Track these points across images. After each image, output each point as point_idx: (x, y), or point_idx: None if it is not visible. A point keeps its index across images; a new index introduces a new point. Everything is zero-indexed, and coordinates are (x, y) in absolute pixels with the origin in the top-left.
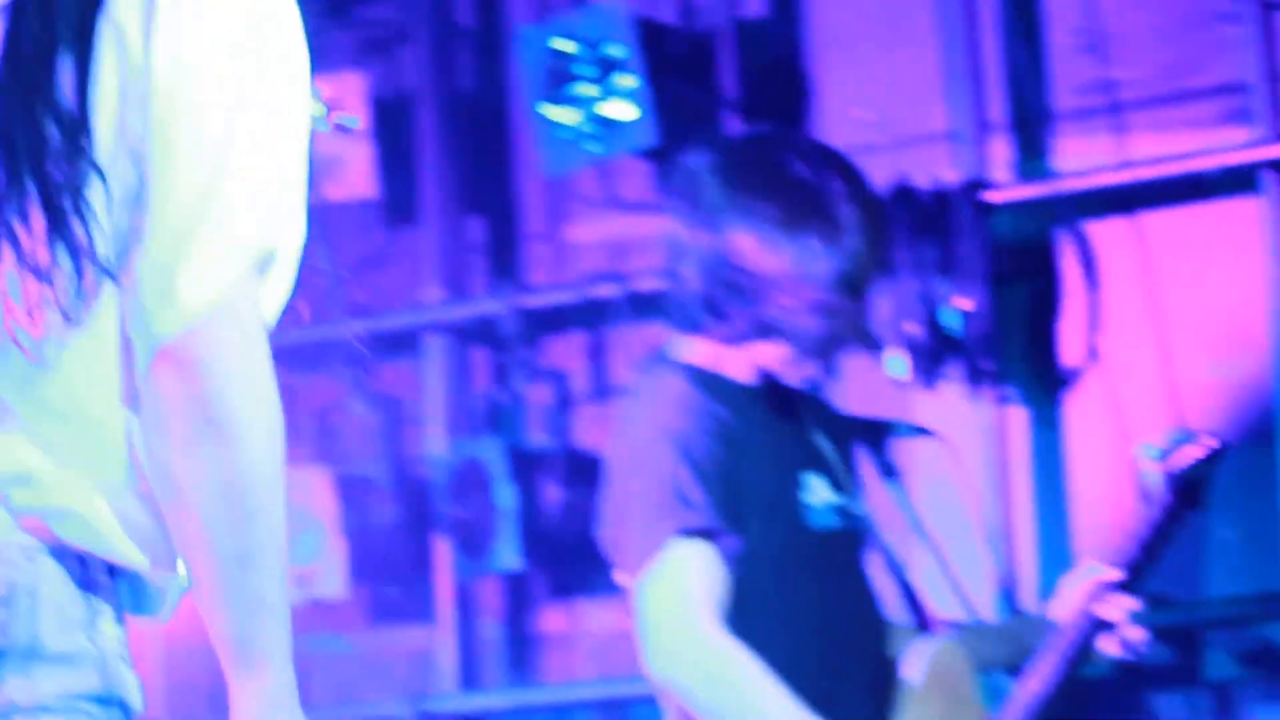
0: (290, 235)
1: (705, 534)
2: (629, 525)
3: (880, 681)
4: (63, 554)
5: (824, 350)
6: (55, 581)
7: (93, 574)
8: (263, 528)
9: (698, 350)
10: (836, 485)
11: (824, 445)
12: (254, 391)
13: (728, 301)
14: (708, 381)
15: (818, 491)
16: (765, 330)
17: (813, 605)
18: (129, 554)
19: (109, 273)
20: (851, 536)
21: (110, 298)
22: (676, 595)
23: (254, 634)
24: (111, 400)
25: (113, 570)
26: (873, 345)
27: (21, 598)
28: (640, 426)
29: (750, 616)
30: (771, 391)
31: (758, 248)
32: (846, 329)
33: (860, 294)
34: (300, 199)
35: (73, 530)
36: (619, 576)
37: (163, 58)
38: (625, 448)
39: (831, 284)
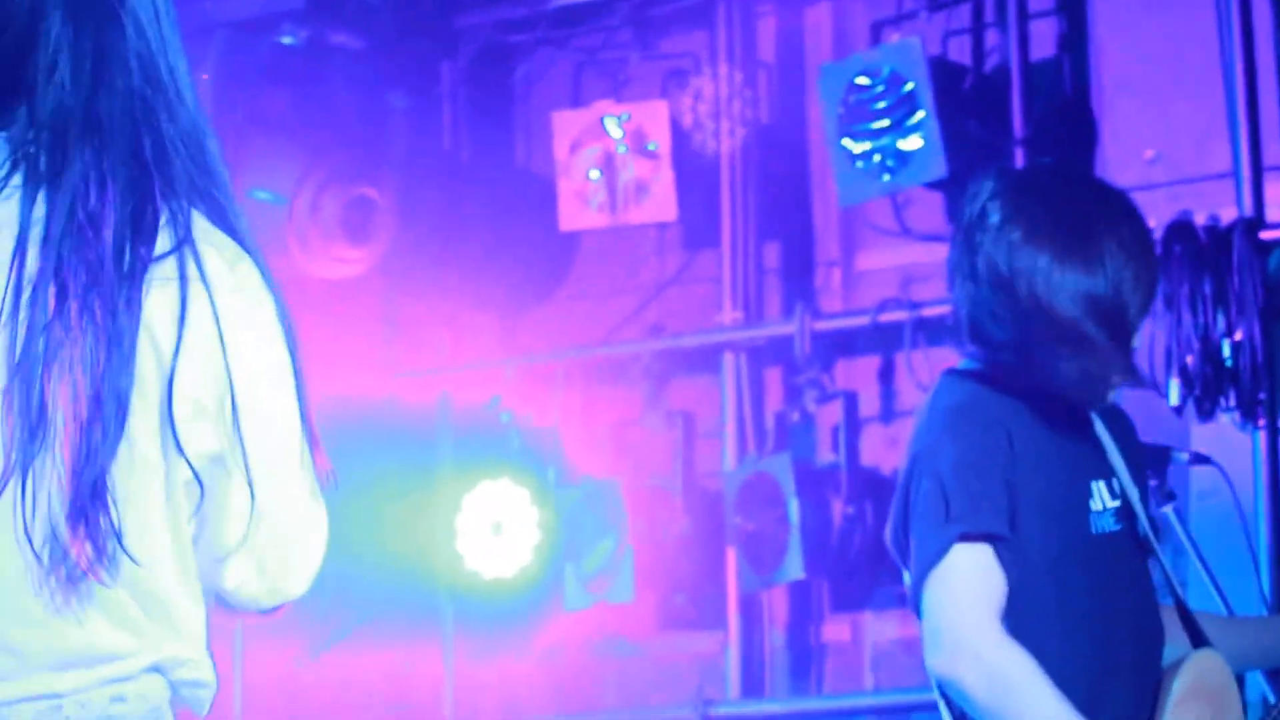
0: None
1: (988, 539)
2: (915, 527)
3: (1147, 685)
4: (175, 702)
5: (1084, 385)
6: None
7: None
8: None
9: (982, 365)
10: (1118, 491)
11: (1109, 450)
12: None
13: (993, 325)
14: (994, 392)
15: (1100, 497)
16: (1029, 356)
17: (1088, 607)
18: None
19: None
20: (1131, 541)
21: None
22: (960, 596)
23: None
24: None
25: None
26: (1138, 382)
27: None
28: (930, 434)
29: (1026, 617)
30: (1058, 399)
31: (1024, 274)
32: (1105, 365)
33: (1121, 329)
34: None
35: (205, 695)
36: (905, 577)
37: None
38: (915, 453)
39: (1094, 316)
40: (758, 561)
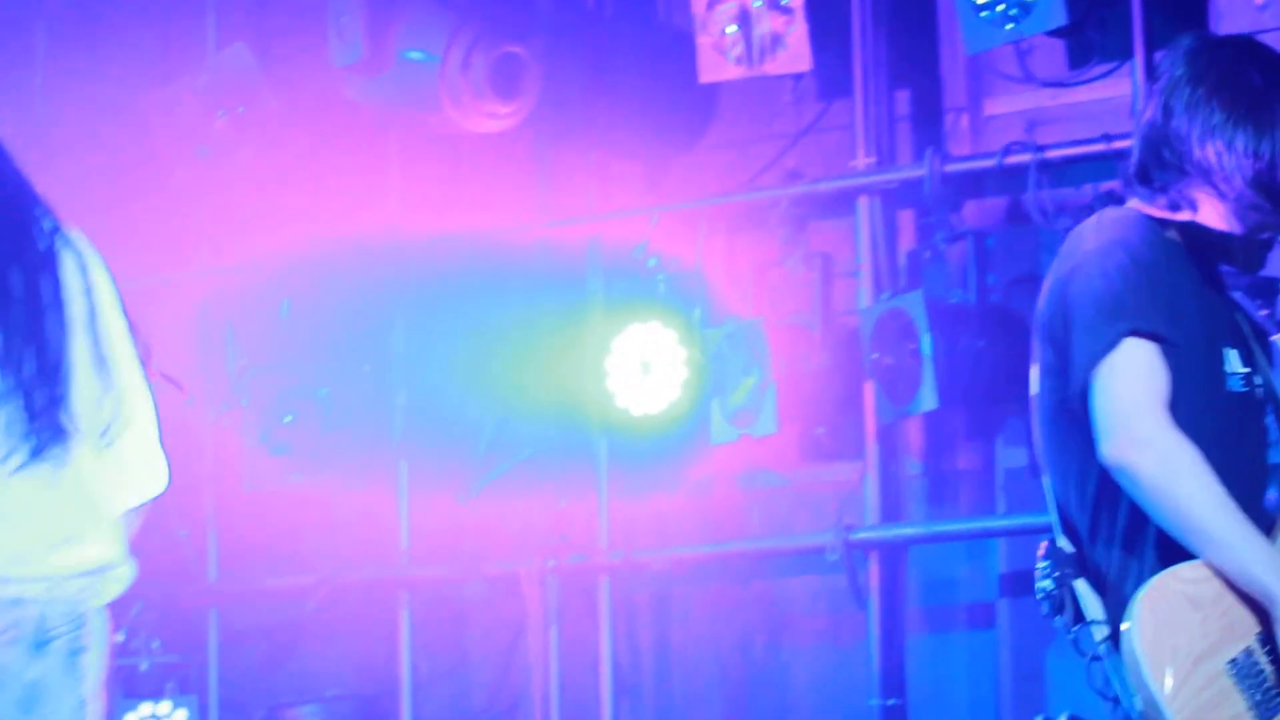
0: None
1: (1157, 339)
2: (1082, 319)
3: (1256, 519)
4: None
5: (1234, 242)
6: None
7: None
8: None
9: (1148, 206)
10: (1246, 358)
11: (1242, 319)
12: None
13: (1158, 169)
14: (1158, 226)
15: (1232, 362)
16: (1184, 206)
17: (1216, 437)
18: None
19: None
20: (1254, 401)
21: None
22: (1133, 387)
23: None
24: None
25: None
26: None
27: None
28: (1099, 240)
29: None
30: (1206, 255)
31: (1199, 126)
32: (1258, 225)
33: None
34: None
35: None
36: (1033, 380)
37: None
38: (1079, 259)
39: (1253, 178)
40: (894, 394)
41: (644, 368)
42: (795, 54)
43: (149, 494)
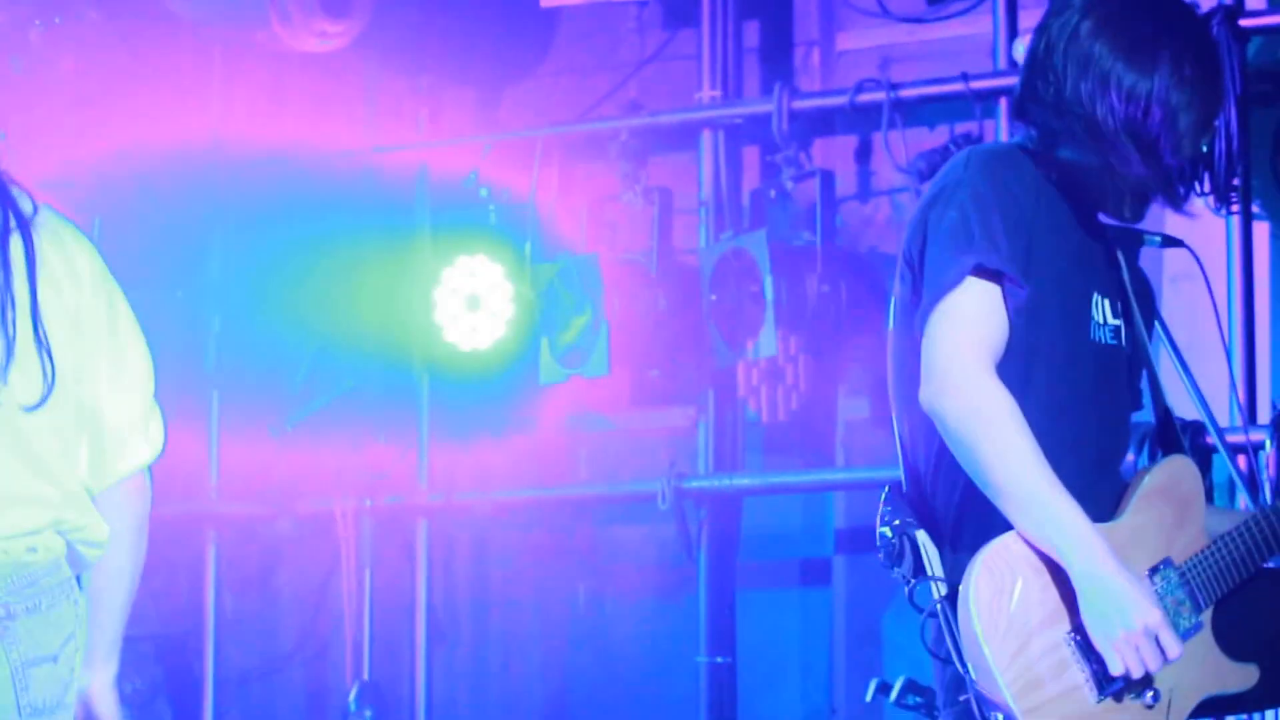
0: None
1: (1000, 277)
2: (932, 253)
3: (1104, 484)
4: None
5: (1103, 184)
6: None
7: None
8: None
9: (1022, 141)
10: (1119, 313)
11: (1126, 272)
12: None
13: (1034, 104)
14: (1032, 161)
15: (1102, 310)
16: (1059, 143)
17: (1064, 391)
18: None
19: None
20: (1123, 356)
21: None
22: (961, 332)
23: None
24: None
25: None
26: (1170, 199)
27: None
28: (964, 170)
29: (1006, 365)
30: (1085, 199)
31: (1077, 60)
32: (1130, 170)
33: (1156, 141)
34: None
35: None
36: (890, 312)
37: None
38: (941, 185)
39: (1130, 120)
40: (732, 337)
41: (471, 302)
42: None
43: (137, 462)
